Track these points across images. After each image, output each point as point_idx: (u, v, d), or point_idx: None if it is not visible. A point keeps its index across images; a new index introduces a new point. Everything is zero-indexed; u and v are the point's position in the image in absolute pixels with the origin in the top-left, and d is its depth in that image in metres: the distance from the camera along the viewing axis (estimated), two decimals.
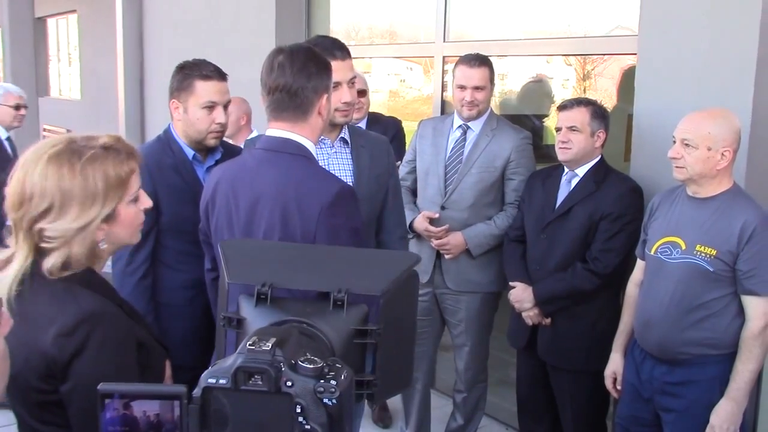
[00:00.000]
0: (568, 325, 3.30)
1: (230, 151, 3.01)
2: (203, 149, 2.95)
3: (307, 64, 2.23)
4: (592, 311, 3.28)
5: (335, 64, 2.41)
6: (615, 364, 3.09)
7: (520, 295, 3.39)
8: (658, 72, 3.30)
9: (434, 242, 3.68)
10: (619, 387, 3.07)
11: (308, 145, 2.26)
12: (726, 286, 2.69)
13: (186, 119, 2.86)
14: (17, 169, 1.67)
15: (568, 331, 3.30)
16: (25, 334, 1.62)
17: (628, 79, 3.99)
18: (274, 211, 2.15)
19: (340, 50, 2.62)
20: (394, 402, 4.51)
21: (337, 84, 2.53)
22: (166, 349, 1.90)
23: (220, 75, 2.91)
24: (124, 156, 1.72)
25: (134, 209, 1.77)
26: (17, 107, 4.97)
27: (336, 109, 2.56)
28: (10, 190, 1.66)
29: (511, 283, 3.47)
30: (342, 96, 2.56)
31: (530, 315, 3.37)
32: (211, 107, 2.85)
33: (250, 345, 1.03)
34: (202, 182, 2.82)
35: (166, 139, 2.94)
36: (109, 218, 1.69)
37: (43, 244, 1.64)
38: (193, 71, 2.87)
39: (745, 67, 2.98)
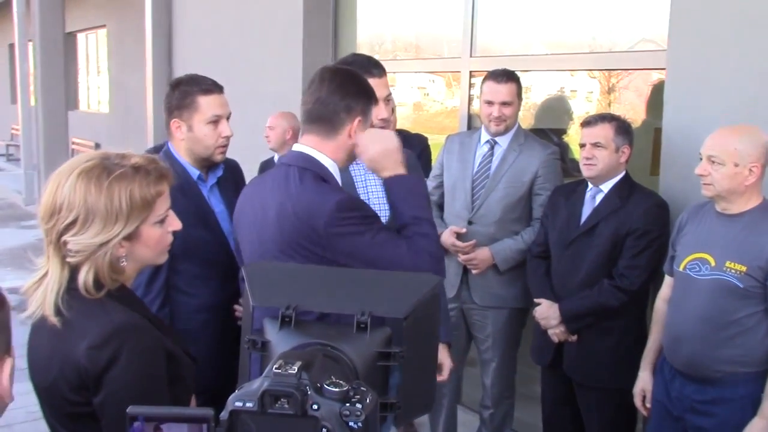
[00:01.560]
0: (595, 341, 3.28)
1: (231, 167, 2.98)
2: (207, 167, 2.87)
3: (345, 83, 2.26)
4: (618, 328, 3.25)
5: (372, 82, 2.43)
6: (644, 382, 3.06)
7: (546, 312, 3.37)
8: (688, 87, 3.28)
9: (461, 257, 3.68)
10: (648, 405, 3.04)
11: (327, 163, 2.26)
12: (757, 303, 2.66)
13: (192, 137, 2.78)
14: (50, 180, 1.71)
15: (595, 347, 3.28)
16: (58, 346, 1.65)
17: (654, 93, 3.97)
18: (278, 223, 2.17)
19: (376, 68, 2.63)
20: (421, 417, 4.49)
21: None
22: (194, 360, 1.92)
23: (219, 87, 2.84)
24: (154, 178, 1.74)
25: (159, 231, 1.78)
26: None
27: (373, 126, 2.57)
28: (42, 201, 1.70)
29: (536, 300, 3.46)
30: (379, 113, 2.55)
31: (556, 332, 3.35)
32: (216, 121, 2.78)
33: (276, 368, 1.04)
34: (208, 202, 2.80)
35: (168, 161, 2.78)
36: (131, 237, 1.72)
37: (68, 258, 1.67)
38: (192, 87, 2.79)
39: None
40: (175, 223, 1.83)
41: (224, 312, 2.78)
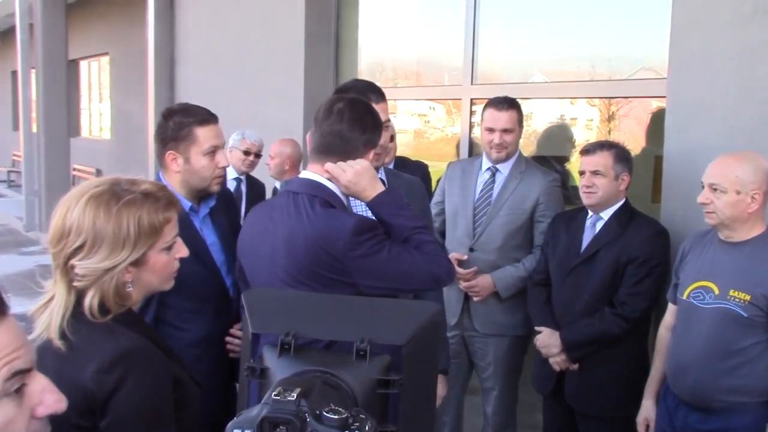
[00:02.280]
0: (596, 370, 3.25)
1: (225, 196, 2.93)
2: (200, 198, 2.77)
3: (364, 117, 2.29)
4: (620, 356, 3.23)
5: None
6: (647, 411, 3.04)
7: (547, 340, 3.35)
8: (688, 115, 3.29)
9: (462, 284, 3.67)
10: None
11: (337, 190, 2.29)
12: (761, 332, 2.64)
13: (189, 169, 2.68)
14: (60, 204, 1.72)
15: (597, 376, 3.25)
16: (64, 370, 1.65)
17: (654, 121, 3.99)
18: (289, 251, 2.18)
19: (375, 93, 2.65)
20: None
21: None
22: (199, 386, 1.91)
23: (214, 117, 2.74)
24: (162, 205, 1.76)
25: (167, 257, 1.80)
26: (246, 153, 5.09)
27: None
28: (53, 224, 1.71)
29: (536, 328, 3.44)
30: None
31: (558, 361, 3.32)
32: (213, 152, 2.69)
33: (275, 395, 1.03)
34: (201, 233, 2.73)
35: None
36: (138, 263, 1.73)
37: (75, 282, 1.68)
38: (188, 118, 2.68)
39: None
40: (182, 250, 1.84)
41: (217, 345, 2.71)
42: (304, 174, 2.32)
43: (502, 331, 3.74)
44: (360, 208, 2.61)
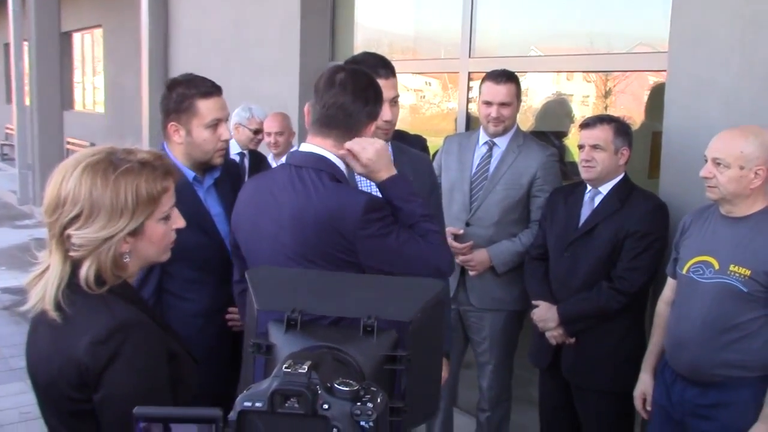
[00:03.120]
0: (593, 344, 3.25)
1: (229, 167, 2.92)
2: (203, 169, 2.78)
3: (367, 89, 2.24)
4: (617, 330, 3.23)
5: (379, 82, 2.38)
6: (644, 385, 3.04)
7: (544, 314, 3.35)
8: (689, 89, 3.26)
9: (459, 258, 3.66)
10: (648, 408, 3.02)
11: (340, 164, 2.24)
12: (760, 307, 2.63)
13: (190, 142, 2.69)
14: (55, 173, 1.69)
15: (593, 350, 3.25)
16: (59, 342, 1.63)
17: (652, 97, 3.96)
18: (297, 229, 2.13)
19: (384, 68, 2.59)
20: None
21: None
22: (196, 362, 1.90)
23: (218, 89, 2.74)
24: (160, 174, 1.73)
25: (164, 227, 1.77)
26: (256, 132, 5.02)
27: (377, 127, 2.53)
28: (46, 194, 1.68)
29: (534, 302, 3.43)
30: (383, 114, 2.48)
31: (554, 335, 3.32)
32: (215, 125, 2.69)
33: (286, 368, 1.03)
34: (204, 204, 2.74)
35: None
36: (136, 233, 1.70)
37: (71, 252, 1.66)
38: (190, 90, 2.68)
39: None
40: (179, 221, 1.82)
41: (220, 316, 2.72)
42: (306, 147, 2.26)
43: (497, 305, 3.73)
44: (366, 187, 2.60)
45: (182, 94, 2.67)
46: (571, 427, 3.47)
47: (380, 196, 2.26)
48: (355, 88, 2.21)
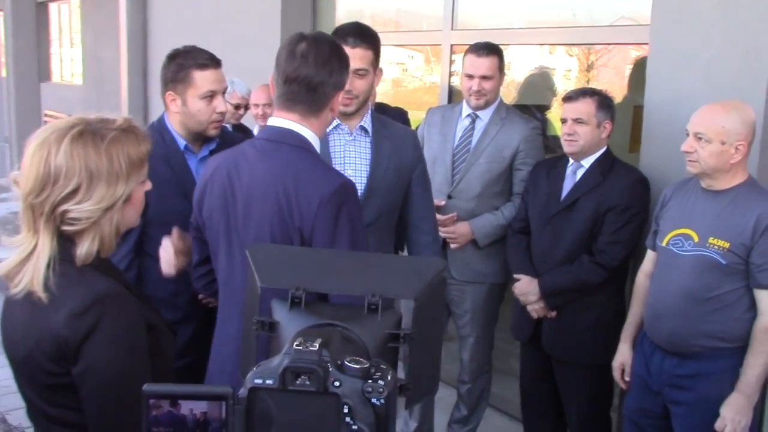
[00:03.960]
0: (574, 317, 3.28)
1: (226, 140, 2.91)
2: (199, 140, 2.85)
3: (330, 59, 2.14)
4: (597, 304, 3.25)
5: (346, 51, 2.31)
6: (623, 356, 3.07)
7: (525, 287, 3.36)
8: (671, 62, 3.27)
9: (441, 231, 3.65)
10: (627, 378, 3.05)
11: (312, 138, 2.17)
12: (739, 279, 2.66)
13: (186, 112, 2.76)
14: (32, 151, 1.64)
15: (574, 323, 3.28)
16: (36, 316, 1.62)
17: (634, 71, 3.96)
18: (268, 204, 2.08)
19: (355, 37, 2.56)
20: None
21: None
22: (174, 333, 1.90)
23: (215, 62, 2.80)
24: (141, 138, 1.74)
25: (141, 190, 1.78)
26: (237, 107, 4.94)
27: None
28: (28, 173, 1.63)
29: (515, 276, 3.45)
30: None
31: (535, 308, 3.34)
32: (211, 97, 2.75)
33: (296, 345, 1.04)
34: (194, 174, 2.76)
35: (159, 128, 2.82)
36: (128, 199, 1.71)
37: (66, 227, 1.64)
38: (188, 61, 2.74)
39: (759, 57, 2.95)
40: (148, 184, 1.81)
41: None
42: (279, 122, 2.17)
43: (479, 278, 3.74)
44: (350, 152, 2.59)
45: (180, 64, 2.74)
46: (551, 399, 3.51)
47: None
48: (317, 59, 2.11)
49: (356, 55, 2.54)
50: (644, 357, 2.95)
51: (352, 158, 2.68)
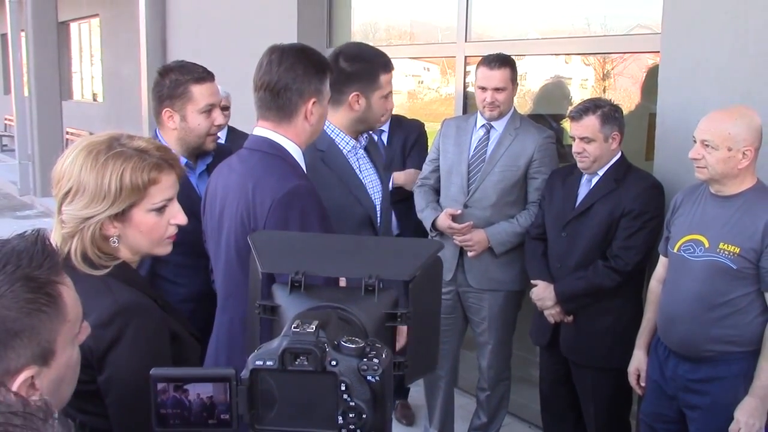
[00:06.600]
0: (590, 322, 3.31)
1: (221, 153, 2.90)
2: (196, 155, 2.82)
3: (295, 65, 2.19)
4: (613, 308, 3.29)
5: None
6: (638, 361, 3.10)
7: (542, 293, 3.41)
8: (682, 70, 3.30)
9: (457, 239, 3.70)
10: (642, 384, 3.08)
11: (289, 146, 2.23)
12: (750, 283, 2.69)
13: (185, 127, 2.72)
14: (65, 152, 1.77)
15: (590, 328, 3.31)
16: None
17: (649, 79, 3.99)
18: (236, 212, 2.16)
19: (347, 61, 2.65)
20: (418, 399, 4.53)
21: None
22: (199, 342, 1.94)
23: (210, 75, 2.78)
24: (150, 164, 1.74)
25: (155, 219, 1.78)
26: (224, 108, 5.01)
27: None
28: (53, 171, 1.76)
29: (532, 281, 3.49)
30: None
31: (552, 313, 3.38)
32: (209, 110, 2.73)
33: (294, 328, 1.08)
34: (197, 189, 2.76)
35: None
36: (123, 219, 1.74)
37: (63, 228, 1.71)
38: (184, 76, 2.70)
39: None
40: (179, 217, 1.84)
41: (210, 301, 2.73)
42: (258, 131, 2.26)
43: (496, 286, 3.78)
44: (367, 169, 2.63)
45: (176, 80, 2.70)
46: (570, 404, 3.54)
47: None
48: (280, 66, 2.18)
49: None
50: (659, 362, 2.97)
51: (368, 175, 2.75)
